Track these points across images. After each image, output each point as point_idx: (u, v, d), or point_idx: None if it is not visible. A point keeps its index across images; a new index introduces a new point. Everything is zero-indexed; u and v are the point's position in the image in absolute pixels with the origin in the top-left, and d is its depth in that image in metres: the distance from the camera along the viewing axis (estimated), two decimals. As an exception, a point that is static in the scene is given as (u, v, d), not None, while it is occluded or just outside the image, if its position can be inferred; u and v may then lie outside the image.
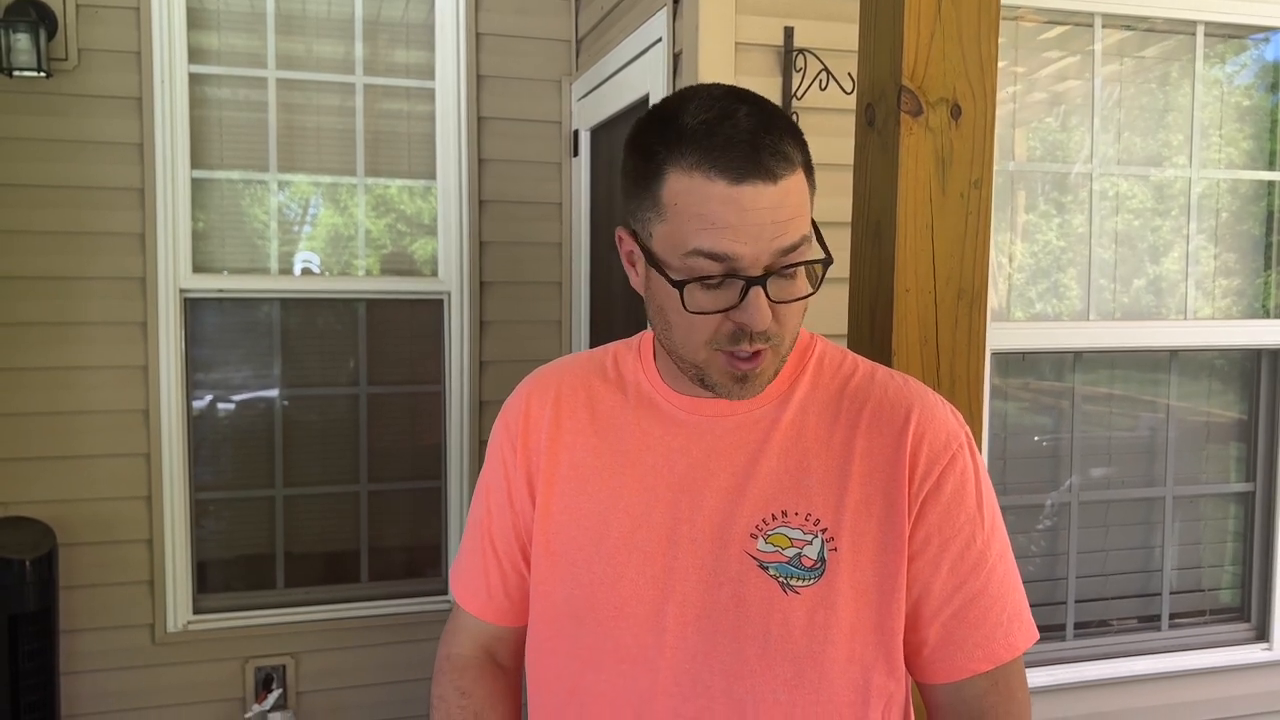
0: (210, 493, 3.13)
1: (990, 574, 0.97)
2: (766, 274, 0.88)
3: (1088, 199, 2.68)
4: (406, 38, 3.21)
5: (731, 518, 0.97)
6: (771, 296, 0.89)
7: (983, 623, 0.96)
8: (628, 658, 0.98)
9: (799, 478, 0.97)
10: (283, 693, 3.10)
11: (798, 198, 0.88)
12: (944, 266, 1.40)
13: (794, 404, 1.00)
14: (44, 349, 2.88)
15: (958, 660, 0.97)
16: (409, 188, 3.27)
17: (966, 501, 0.97)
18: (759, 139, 0.87)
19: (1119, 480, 2.77)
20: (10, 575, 2.66)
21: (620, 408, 1.05)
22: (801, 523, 0.95)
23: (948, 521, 0.96)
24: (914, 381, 1.03)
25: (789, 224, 0.88)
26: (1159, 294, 2.76)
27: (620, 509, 1.00)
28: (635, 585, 0.98)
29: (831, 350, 1.06)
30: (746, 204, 0.86)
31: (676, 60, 2.33)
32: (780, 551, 0.95)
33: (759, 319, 0.88)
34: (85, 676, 2.94)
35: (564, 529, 1.03)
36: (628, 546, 0.99)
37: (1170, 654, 2.72)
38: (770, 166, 0.86)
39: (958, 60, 1.38)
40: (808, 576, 0.94)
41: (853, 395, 1.01)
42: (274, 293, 3.14)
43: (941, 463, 0.96)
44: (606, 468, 1.02)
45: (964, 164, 1.40)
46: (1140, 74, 2.76)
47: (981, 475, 0.99)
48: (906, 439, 0.96)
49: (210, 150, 3.05)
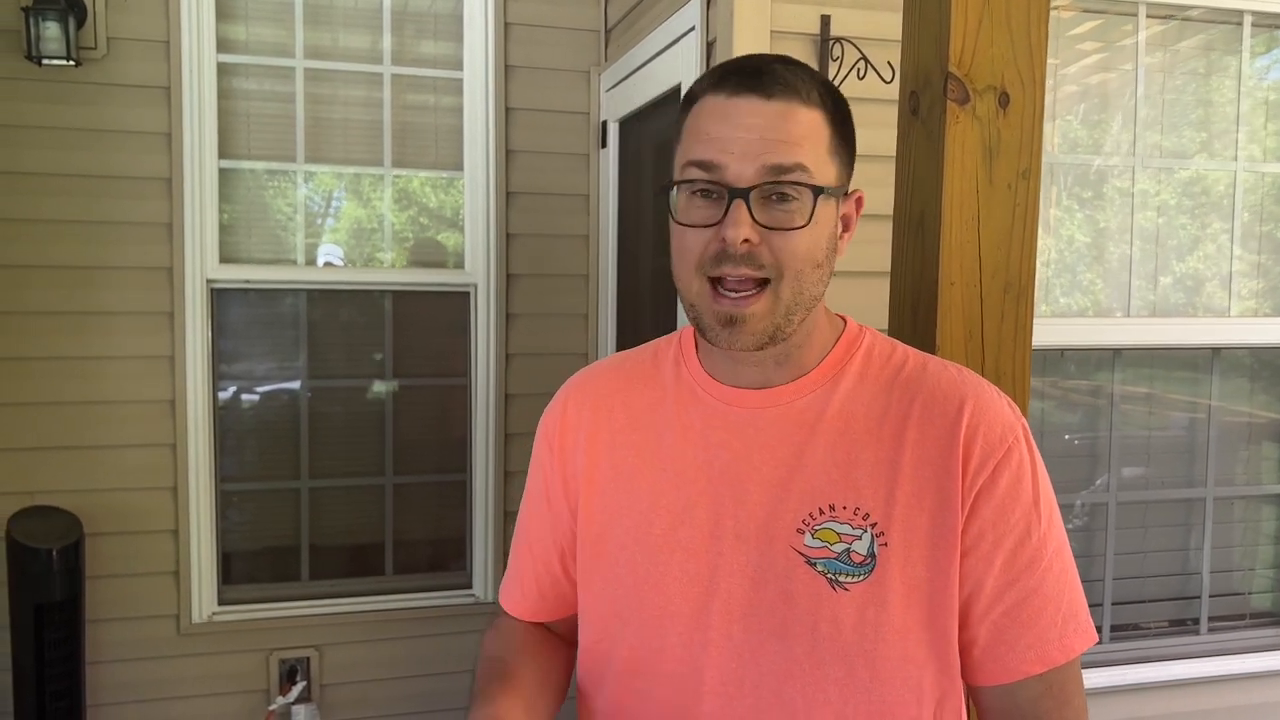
0: (236, 484, 3.12)
1: (1046, 571, 0.93)
2: (750, 188, 0.88)
3: (1128, 193, 2.62)
4: (435, 28, 3.18)
5: (777, 512, 0.94)
6: (758, 218, 0.89)
7: (1036, 622, 0.92)
8: (674, 657, 0.96)
9: (847, 470, 0.94)
10: (307, 685, 3.10)
11: (801, 128, 0.89)
12: (990, 259, 1.36)
13: (840, 394, 0.97)
14: (71, 338, 2.88)
15: (1009, 661, 0.93)
16: (434, 181, 3.25)
17: (1023, 496, 0.93)
18: (769, 66, 0.91)
19: (1157, 480, 2.72)
20: (37, 564, 2.67)
21: (659, 403, 1.02)
22: (850, 517, 0.92)
23: (1002, 517, 0.92)
24: (968, 372, 0.99)
25: (781, 145, 0.88)
26: (1198, 291, 2.70)
27: (662, 506, 0.98)
28: (680, 584, 0.96)
29: (881, 341, 1.02)
30: (737, 117, 0.89)
31: (709, 50, 2.30)
32: (828, 547, 0.92)
33: (734, 232, 0.88)
34: (111, 666, 2.95)
35: (607, 530, 1.01)
36: (670, 544, 0.97)
37: (1208, 658, 2.66)
38: (769, 87, 0.89)
39: (1006, 47, 1.34)
40: (857, 573, 0.91)
41: (904, 386, 0.97)
42: (300, 284, 3.13)
43: (997, 456, 0.92)
44: (647, 465, 1.00)
45: (1012, 154, 1.36)
46: (1180, 66, 2.69)
47: (1039, 469, 0.95)
48: (960, 431, 0.93)
49: (237, 140, 3.04)
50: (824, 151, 0.91)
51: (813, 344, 0.98)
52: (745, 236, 0.88)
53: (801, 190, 0.89)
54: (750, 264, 0.89)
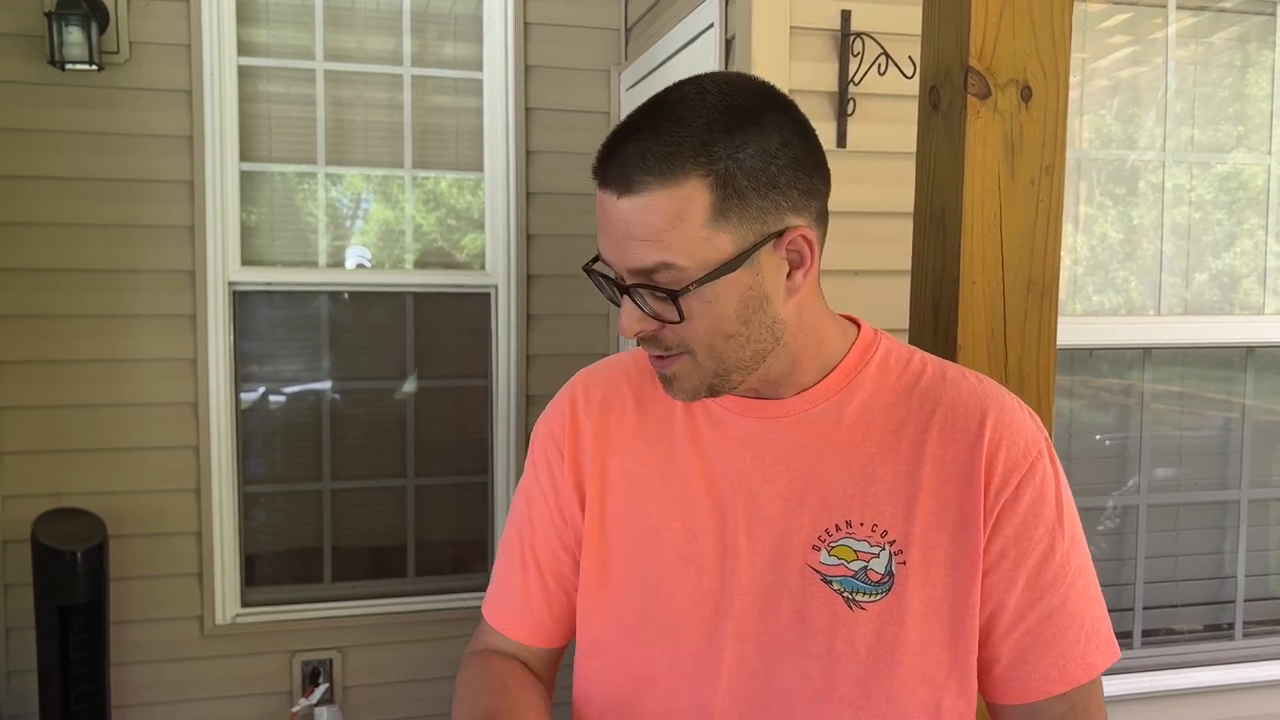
0: (258, 486, 3.13)
1: (1069, 589, 0.89)
2: (631, 285, 0.85)
3: (1158, 189, 2.57)
4: (455, 29, 3.18)
5: (792, 527, 0.90)
6: (646, 310, 0.86)
7: (1059, 641, 0.89)
8: (684, 676, 0.92)
9: (864, 486, 0.90)
10: (329, 686, 3.10)
11: (657, 218, 0.81)
12: (1013, 257, 1.32)
13: (856, 403, 0.93)
14: (95, 341, 2.89)
15: (1031, 681, 0.89)
16: (458, 183, 3.24)
17: (1046, 512, 0.89)
18: (627, 146, 0.83)
19: (1189, 482, 2.66)
20: (61, 566, 2.68)
21: (670, 409, 0.98)
22: (868, 534, 0.89)
23: (1025, 534, 0.88)
24: (989, 381, 0.95)
25: (639, 244, 0.82)
26: (1233, 288, 2.64)
27: (673, 520, 0.94)
28: (691, 600, 0.92)
29: (898, 348, 0.98)
30: (604, 209, 0.85)
31: (729, 46, 2.27)
32: (845, 565, 0.89)
33: (624, 327, 0.87)
34: (135, 667, 2.96)
35: (615, 542, 0.97)
36: (682, 559, 0.93)
37: (1243, 664, 2.60)
38: (626, 178, 0.82)
39: (1029, 39, 1.31)
40: (875, 592, 0.88)
41: (922, 396, 0.92)
42: (321, 285, 3.13)
43: (1020, 471, 0.88)
44: (657, 476, 0.96)
45: (1035, 149, 1.32)
46: (1213, 59, 2.63)
47: (1062, 483, 0.91)
48: (982, 445, 0.88)
49: (259, 143, 3.05)
50: (698, 226, 0.81)
51: (806, 363, 0.93)
52: (636, 330, 0.87)
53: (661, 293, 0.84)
54: (657, 346, 0.89)
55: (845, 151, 2.20)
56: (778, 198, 0.84)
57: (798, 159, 0.85)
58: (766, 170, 0.83)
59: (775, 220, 0.85)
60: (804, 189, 0.86)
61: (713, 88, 0.85)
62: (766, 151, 0.83)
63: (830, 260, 2.36)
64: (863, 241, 2.22)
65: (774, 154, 0.83)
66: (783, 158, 0.84)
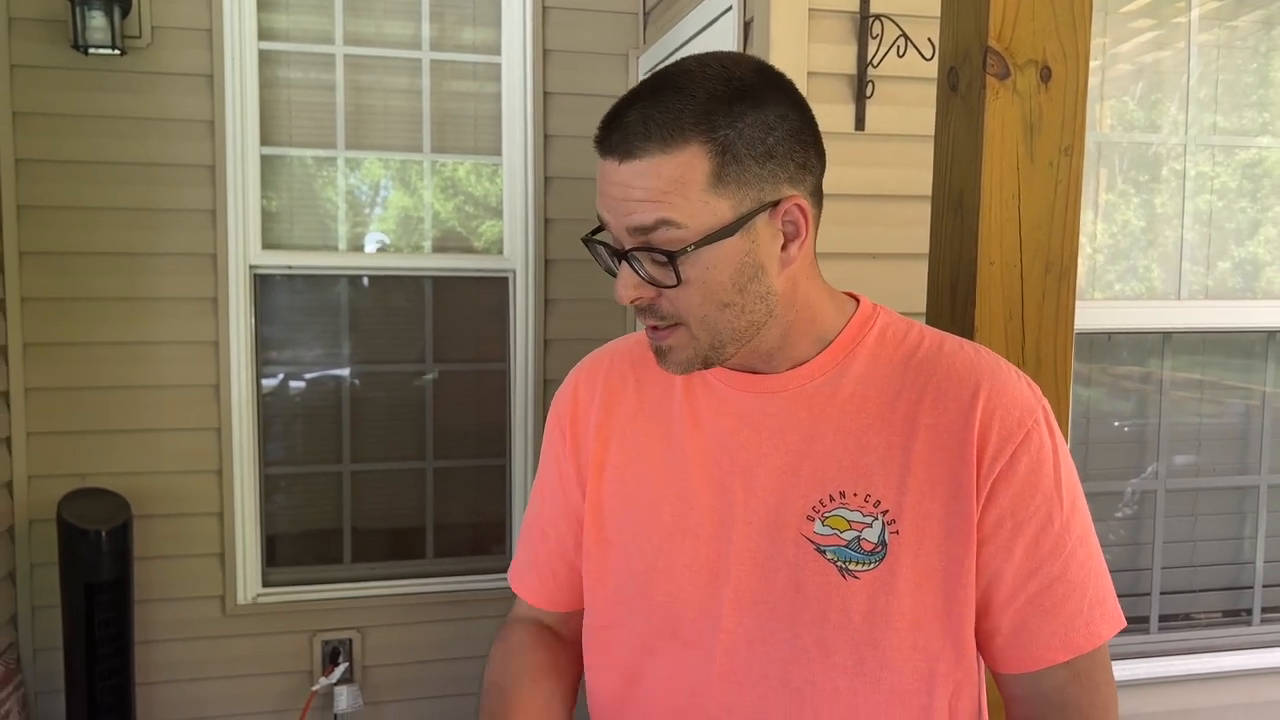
0: (279, 467, 3.16)
1: (1070, 558, 0.90)
2: (628, 250, 0.87)
3: (1180, 174, 2.55)
4: (473, 13, 3.18)
5: (787, 499, 0.92)
6: (645, 275, 0.88)
7: (1060, 610, 0.90)
8: (684, 644, 0.95)
9: (858, 457, 0.91)
10: (349, 666, 3.14)
11: (658, 181, 0.84)
12: (1031, 238, 1.32)
13: (851, 378, 0.94)
14: (119, 323, 2.93)
15: (1033, 650, 0.91)
16: (477, 170, 3.25)
17: (1043, 481, 0.89)
18: (629, 114, 0.85)
19: (1208, 468, 2.65)
20: (86, 545, 2.72)
21: (669, 388, 1.01)
22: (861, 504, 0.90)
23: (1022, 503, 0.89)
24: (986, 352, 0.95)
25: (638, 205, 0.85)
26: (1256, 274, 2.62)
27: (672, 493, 0.97)
28: (689, 570, 0.95)
29: (896, 321, 0.99)
30: (604, 176, 0.87)
31: (747, 29, 2.27)
32: (838, 534, 0.90)
33: (620, 293, 0.89)
34: (158, 645, 3.00)
35: (616, 515, 1.01)
36: (680, 531, 0.96)
37: (1261, 650, 2.59)
38: (629, 145, 0.84)
39: (1048, 19, 1.30)
40: (868, 561, 0.89)
41: (918, 368, 0.93)
42: (341, 269, 3.15)
43: (1015, 440, 0.89)
44: (657, 451, 0.99)
45: (1054, 130, 1.32)
46: (1237, 43, 2.61)
47: (1061, 452, 0.92)
48: (975, 415, 0.89)
49: (279, 127, 3.07)
50: (698, 191, 0.84)
51: (798, 337, 0.95)
52: (633, 296, 0.89)
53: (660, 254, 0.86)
54: (653, 315, 0.90)
55: (864, 134, 2.19)
56: (775, 168, 0.86)
57: (795, 133, 0.88)
58: (765, 140, 0.86)
59: (772, 190, 0.87)
60: (800, 163, 0.88)
61: (713, 63, 0.87)
62: (765, 123, 0.86)
63: (849, 243, 2.37)
64: (882, 224, 2.22)
65: (772, 126, 0.86)
66: (780, 130, 0.86)
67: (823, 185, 0.93)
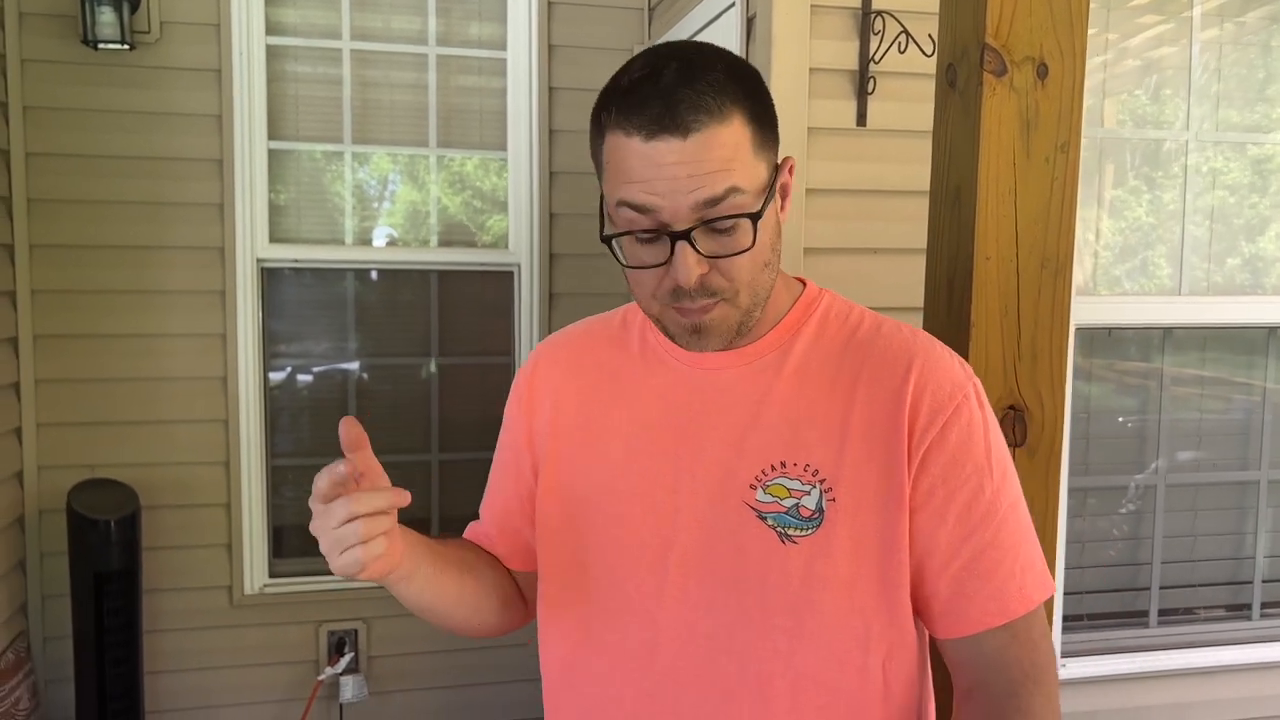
0: (286, 459, 3.19)
1: (1001, 525, 0.95)
2: (691, 228, 0.88)
3: (1182, 170, 2.56)
4: (479, 9, 3.20)
5: (732, 469, 0.97)
6: (704, 251, 0.89)
7: (994, 575, 0.94)
8: (631, 608, 0.99)
9: (799, 429, 0.96)
10: (354, 657, 3.16)
11: (724, 150, 0.87)
12: (1027, 234, 1.34)
13: (795, 355, 1.00)
14: (128, 316, 2.95)
15: (970, 613, 0.95)
16: (484, 164, 3.27)
17: (974, 452, 0.95)
18: (675, 93, 0.86)
19: (1209, 463, 2.65)
20: (96, 535, 2.75)
21: (627, 364, 1.07)
22: (800, 473, 0.95)
23: (953, 472, 0.94)
24: (922, 333, 1.01)
25: (708, 177, 0.86)
26: (1256, 272, 2.63)
27: (625, 462, 1.02)
28: (639, 536, 1.00)
29: (839, 303, 1.05)
30: (658, 159, 0.86)
31: (750, 25, 2.28)
32: (779, 502, 0.95)
33: (685, 275, 0.89)
34: (167, 635, 3.04)
35: (571, 482, 1.05)
36: (632, 498, 1.01)
37: (1260, 644, 2.60)
38: (683, 121, 0.86)
39: (1045, 16, 1.31)
40: (805, 527, 0.94)
41: (857, 347, 0.99)
42: (347, 263, 3.18)
43: (946, 412, 0.94)
44: (612, 422, 1.04)
45: (1050, 126, 1.33)
46: (1241, 39, 2.61)
47: (990, 426, 0.97)
48: (907, 390, 0.95)
49: (287, 122, 3.09)
50: (749, 156, 0.89)
51: (768, 311, 1.00)
52: (698, 274, 0.90)
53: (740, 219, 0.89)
54: (705, 293, 0.91)
55: (866, 130, 2.20)
56: (776, 133, 0.94)
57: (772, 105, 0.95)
58: (770, 109, 0.93)
59: (778, 152, 0.95)
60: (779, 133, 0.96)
61: (701, 48, 0.93)
62: (764, 92, 0.93)
63: (851, 238, 2.37)
64: (883, 220, 2.23)
65: (766, 96, 0.93)
66: (769, 100, 0.94)
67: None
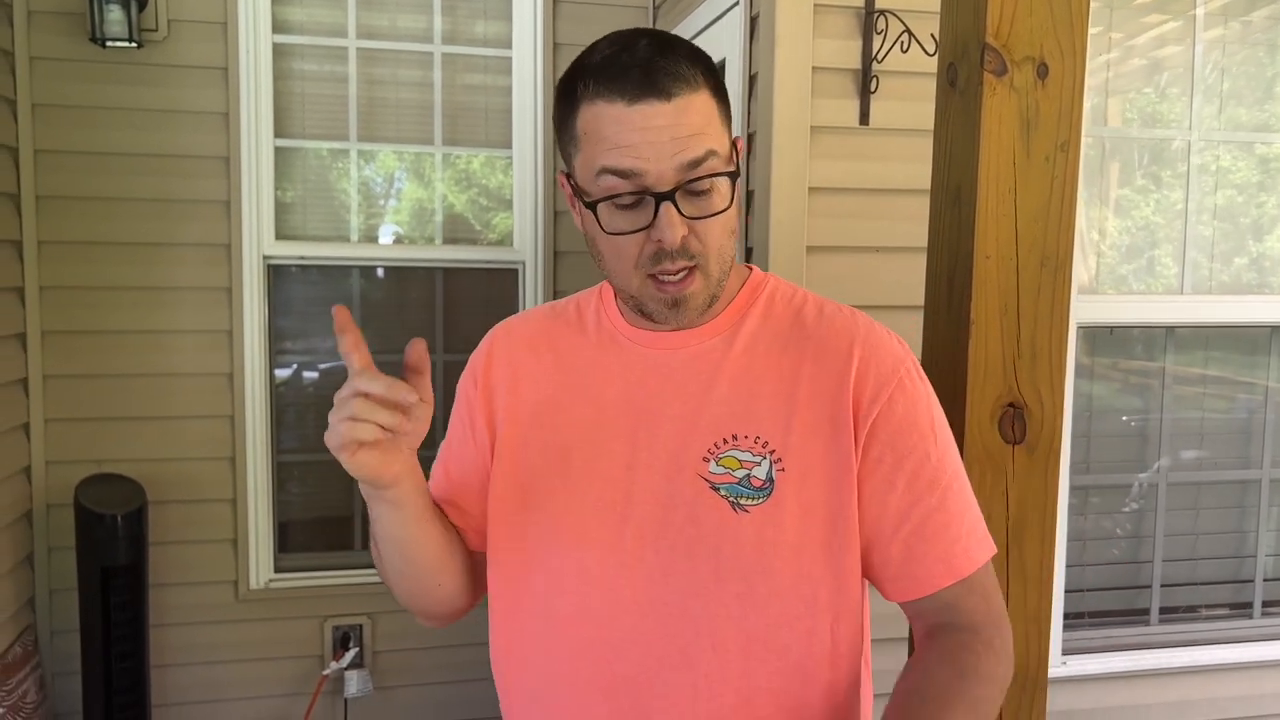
0: (292, 455, 3.21)
1: (946, 490, 1.00)
2: (674, 189, 0.93)
3: (1185, 169, 2.56)
4: (485, 8, 3.21)
5: (685, 444, 1.01)
6: (685, 213, 0.94)
7: (941, 536, 1.00)
8: (590, 579, 1.02)
9: (749, 404, 1.01)
10: (359, 651, 3.18)
11: (700, 116, 0.93)
12: (1027, 233, 1.35)
13: (744, 335, 1.05)
14: (135, 312, 2.97)
15: (919, 575, 1.00)
16: (489, 162, 3.28)
17: (919, 421, 1.01)
18: (653, 63, 0.92)
19: (1211, 462, 2.66)
20: (103, 529, 2.77)
21: (581, 347, 1.10)
22: (751, 445, 1.00)
23: (900, 439, 0.99)
24: (861, 314, 1.07)
25: (690, 140, 0.92)
26: (1261, 272, 2.63)
27: (582, 439, 1.05)
28: (596, 511, 1.03)
29: (784, 287, 1.10)
30: (642, 122, 0.92)
31: (754, 24, 2.29)
32: (731, 473, 0.99)
33: (671, 233, 0.93)
34: (173, 629, 3.06)
35: (528, 460, 1.08)
36: (589, 474, 1.04)
37: (1262, 643, 2.61)
38: (664, 86, 0.92)
39: (1045, 16, 1.32)
40: (757, 496, 0.99)
41: (802, 326, 1.05)
42: (353, 260, 3.19)
43: (890, 385, 1.00)
44: (568, 402, 1.08)
45: (1050, 126, 1.34)
46: (1247, 38, 2.61)
47: (931, 397, 1.03)
48: (852, 364, 1.00)
49: (293, 120, 3.10)
50: (718, 126, 0.96)
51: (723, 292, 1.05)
52: (681, 234, 0.94)
53: (718, 178, 0.95)
54: (684, 256, 0.96)
55: (868, 129, 2.21)
56: (730, 113, 1.00)
57: None
58: (725, 89, 0.99)
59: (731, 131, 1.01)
60: None
61: (661, 30, 1.00)
62: (720, 74, 0.99)
63: (854, 236, 2.38)
64: (887, 218, 2.23)
65: (722, 77, 0.99)
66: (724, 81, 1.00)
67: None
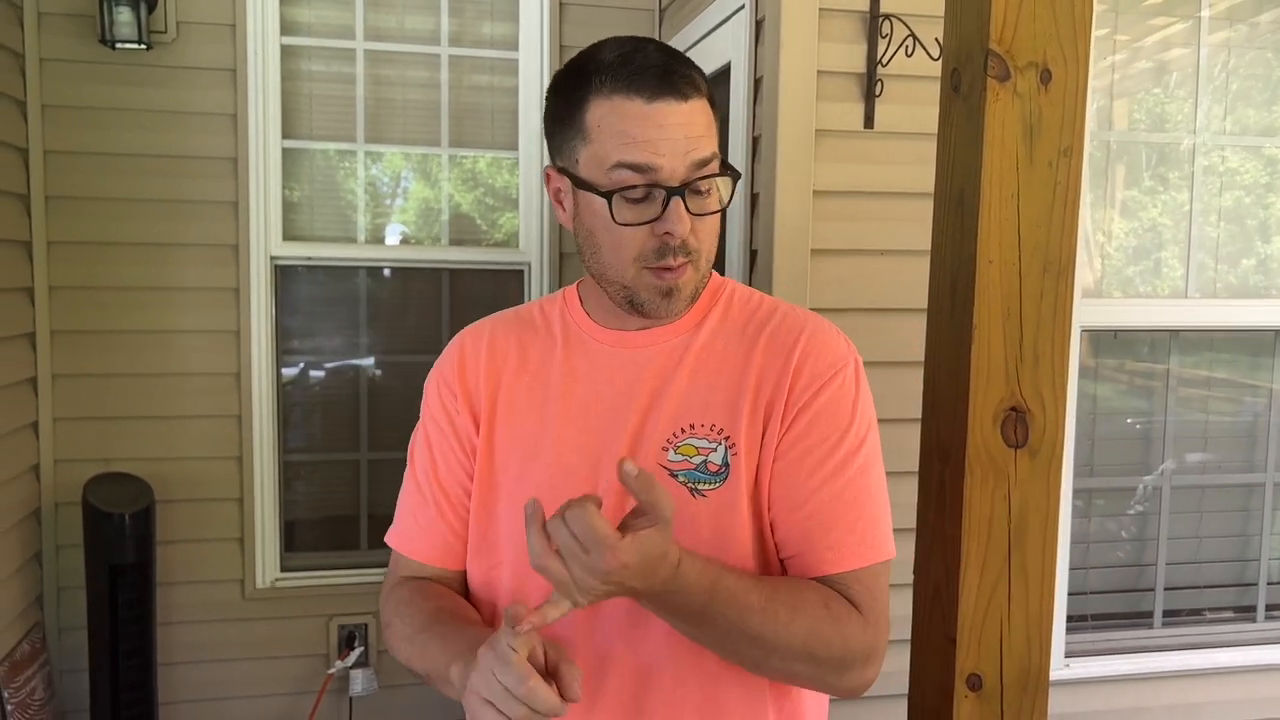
0: (298, 455, 3.22)
1: (849, 482, 1.04)
2: (684, 185, 0.99)
3: (1190, 174, 2.56)
4: (491, 9, 3.22)
5: (647, 435, 1.06)
6: (689, 209, 1.00)
7: (835, 526, 1.03)
8: None
9: (706, 395, 1.07)
10: (364, 650, 3.20)
11: (705, 119, 1.01)
12: (1030, 237, 1.35)
13: (705, 332, 1.11)
14: (143, 312, 2.99)
15: (809, 559, 1.04)
16: (496, 163, 3.30)
17: (838, 415, 1.06)
18: (669, 65, 0.99)
19: (1215, 465, 2.66)
20: (110, 528, 2.79)
21: (548, 349, 1.14)
22: (707, 433, 1.05)
23: (815, 428, 1.05)
24: (815, 315, 1.13)
25: (700, 140, 1.00)
26: (1267, 274, 2.63)
27: (551, 437, 1.09)
28: None
29: (742, 289, 1.17)
30: (661, 120, 0.98)
31: (759, 27, 2.30)
32: (688, 460, 1.05)
33: (681, 227, 0.99)
34: (180, 627, 3.07)
35: (501, 460, 1.12)
36: (559, 470, 1.08)
37: (1265, 646, 2.61)
38: (680, 87, 0.99)
39: (1049, 22, 1.33)
40: (713, 481, 1.04)
41: (757, 324, 1.11)
42: (360, 260, 3.21)
43: (822, 379, 1.06)
44: (538, 402, 1.11)
45: (1053, 131, 1.34)
46: (1254, 40, 2.62)
47: (861, 396, 1.08)
48: (794, 357, 1.06)
49: (301, 121, 3.12)
50: (715, 132, 1.03)
51: None
52: (689, 226, 1.00)
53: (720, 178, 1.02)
54: (683, 251, 1.02)
55: (873, 133, 2.22)
56: None
57: None
58: None
59: None
60: None
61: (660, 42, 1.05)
62: None
63: (859, 239, 2.39)
64: (891, 221, 2.24)
65: None
66: None
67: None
